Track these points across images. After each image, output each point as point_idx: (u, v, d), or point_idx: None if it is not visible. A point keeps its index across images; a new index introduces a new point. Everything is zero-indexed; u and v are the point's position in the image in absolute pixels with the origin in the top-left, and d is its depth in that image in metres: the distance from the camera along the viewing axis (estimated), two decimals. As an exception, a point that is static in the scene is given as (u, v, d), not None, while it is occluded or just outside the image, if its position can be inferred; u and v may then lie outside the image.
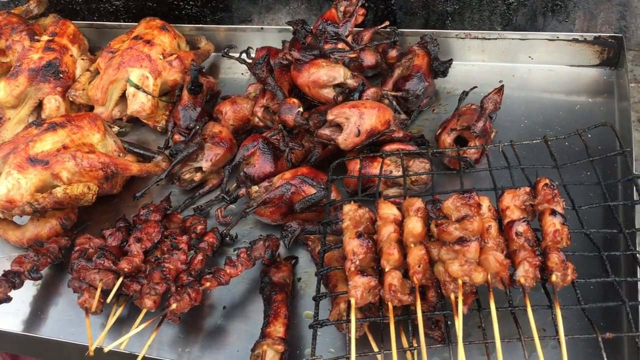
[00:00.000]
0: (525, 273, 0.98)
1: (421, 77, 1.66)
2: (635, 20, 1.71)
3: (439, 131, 1.53)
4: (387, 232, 1.06)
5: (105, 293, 1.25)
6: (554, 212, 1.05)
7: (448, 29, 1.86)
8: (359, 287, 1.00)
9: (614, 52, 1.67)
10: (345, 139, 1.42)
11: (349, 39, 1.72)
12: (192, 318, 1.30)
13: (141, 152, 1.64)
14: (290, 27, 1.67)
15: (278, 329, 1.16)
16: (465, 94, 1.60)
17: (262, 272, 1.32)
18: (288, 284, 1.28)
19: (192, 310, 1.24)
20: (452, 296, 0.98)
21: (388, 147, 1.45)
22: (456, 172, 1.39)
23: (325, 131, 1.46)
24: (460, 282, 0.96)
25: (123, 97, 1.76)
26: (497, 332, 0.93)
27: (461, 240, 0.98)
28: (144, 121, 1.78)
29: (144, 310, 1.20)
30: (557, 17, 1.76)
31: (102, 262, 1.27)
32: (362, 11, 1.75)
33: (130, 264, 1.26)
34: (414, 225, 1.04)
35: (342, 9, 1.75)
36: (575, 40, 1.69)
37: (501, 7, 1.79)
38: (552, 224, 1.03)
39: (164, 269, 1.25)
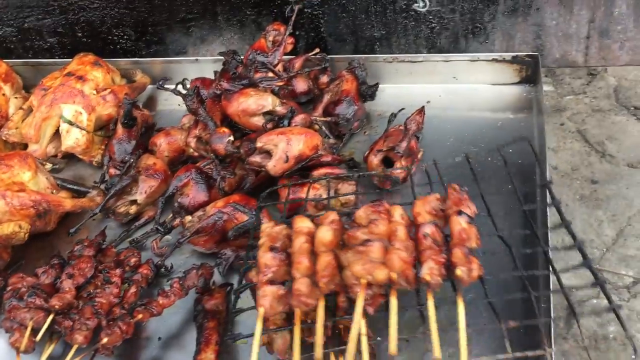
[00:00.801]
0: (430, 270, 1.02)
1: (350, 101, 1.71)
2: (550, 39, 1.81)
3: (367, 153, 1.58)
4: (299, 243, 1.09)
5: (38, 331, 1.25)
6: (460, 212, 1.10)
7: (377, 54, 1.93)
8: (267, 296, 1.03)
9: (531, 69, 1.76)
10: (274, 165, 1.46)
11: (280, 67, 1.77)
12: (128, 351, 1.31)
13: (75, 187, 1.64)
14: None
15: (209, 356, 1.18)
16: (393, 115, 1.66)
17: (195, 300, 1.34)
18: (221, 311, 1.30)
19: (128, 342, 1.25)
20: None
21: (317, 172, 1.49)
22: (380, 191, 1.44)
23: (256, 158, 1.49)
24: (363, 281, 1.00)
25: (57, 134, 1.77)
26: (393, 330, 0.96)
27: (366, 242, 1.03)
28: (80, 156, 1.78)
29: (75, 346, 1.20)
30: (477, 39, 1.85)
31: (34, 300, 1.27)
32: (290, 40, 1.81)
33: (62, 300, 1.26)
34: (324, 234, 1.08)
35: (271, 38, 1.80)
36: (495, 60, 1.77)
37: (425, 31, 1.87)
38: (458, 223, 1.08)
39: (96, 303, 1.26)
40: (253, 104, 1.56)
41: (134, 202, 1.59)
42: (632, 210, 1.63)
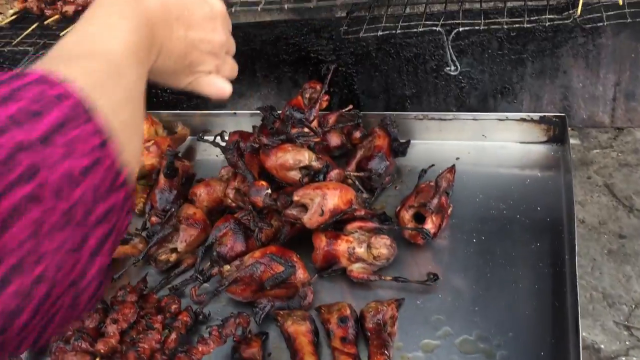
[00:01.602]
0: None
1: (382, 156, 1.78)
2: (577, 100, 1.87)
3: (399, 208, 1.64)
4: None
5: (82, 374, 1.31)
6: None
7: (408, 111, 2.00)
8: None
9: (558, 129, 1.81)
10: (310, 219, 1.52)
11: (315, 123, 1.85)
12: (166, 396, 1.36)
13: (119, 235, 1.71)
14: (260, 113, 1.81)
15: (247, 404, 1.22)
16: (424, 171, 1.72)
17: (232, 348, 1.39)
18: (258, 360, 1.35)
19: (166, 388, 1.30)
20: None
21: (351, 225, 1.55)
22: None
23: (292, 211, 1.56)
24: None
25: (102, 182, 1.85)
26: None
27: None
28: (123, 204, 1.86)
29: (119, 390, 1.26)
30: (506, 99, 1.92)
31: (79, 343, 1.33)
32: (326, 97, 1.89)
33: (107, 345, 1.32)
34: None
35: (307, 95, 1.89)
36: (523, 120, 1.83)
37: (455, 90, 1.94)
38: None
39: (139, 348, 1.32)
40: (290, 159, 1.64)
41: (174, 250, 1.66)
42: None
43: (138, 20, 0.78)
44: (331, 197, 1.53)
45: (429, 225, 1.56)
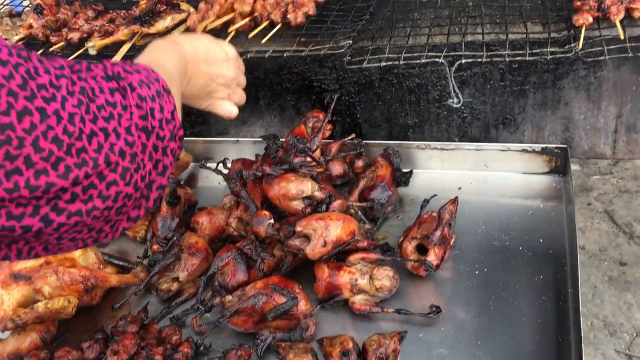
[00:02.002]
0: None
1: (385, 186, 1.79)
2: (579, 132, 1.88)
3: (402, 239, 1.64)
4: None
5: (81, 407, 1.30)
6: None
7: (410, 140, 2.01)
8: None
9: (560, 161, 1.81)
10: (312, 250, 1.52)
11: (317, 152, 1.85)
12: None
13: (120, 263, 1.72)
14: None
15: None
16: (426, 201, 1.72)
17: (234, 381, 1.38)
18: (259, 393, 1.34)
19: (167, 421, 1.28)
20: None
21: (353, 257, 1.55)
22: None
23: (295, 242, 1.55)
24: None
25: (105, 209, 1.85)
26: None
27: None
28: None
29: None
30: (508, 129, 1.92)
31: (80, 375, 1.32)
32: (329, 126, 1.90)
33: (107, 377, 1.31)
34: None
35: (310, 124, 1.90)
36: (525, 151, 1.84)
37: (457, 120, 1.95)
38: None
39: (140, 381, 1.31)
40: (293, 188, 1.64)
41: (175, 279, 1.65)
42: None
43: (179, 57, 1.20)
44: (334, 228, 1.53)
45: (432, 257, 1.56)
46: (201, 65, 1.28)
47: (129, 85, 0.89)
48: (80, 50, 2.03)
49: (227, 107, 1.40)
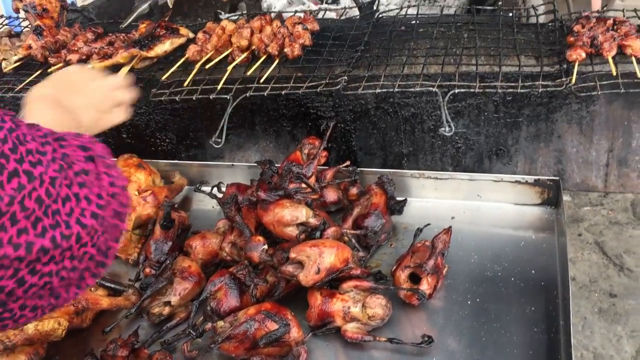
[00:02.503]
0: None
1: (379, 214, 1.79)
2: (571, 164, 1.90)
3: (395, 267, 1.64)
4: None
5: None
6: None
7: (404, 169, 2.03)
8: None
9: (552, 193, 1.83)
10: (306, 276, 1.52)
11: (312, 179, 1.86)
12: None
13: (112, 286, 1.70)
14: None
15: None
16: (419, 230, 1.73)
17: (224, 408, 1.37)
18: (249, 421, 1.33)
19: None
20: None
21: (346, 284, 1.55)
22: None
23: (288, 268, 1.55)
24: None
25: (98, 231, 1.85)
26: None
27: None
28: (117, 254, 1.86)
29: None
30: (501, 160, 1.94)
31: (68, 400, 1.31)
32: (324, 153, 1.91)
33: (96, 402, 1.30)
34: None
35: (306, 151, 1.91)
36: (518, 182, 1.85)
37: (451, 150, 1.97)
38: None
39: (129, 407, 1.29)
40: (288, 215, 1.65)
41: (167, 303, 1.64)
42: None
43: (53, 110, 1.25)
44: (327, 256, 1.53)
45: (425, 287, 1.56)
46: (74, 97, 1.34)
47: (96, 155, 0.96)
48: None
49: (117, 113, 1.48)
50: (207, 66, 1.97)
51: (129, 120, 1.50)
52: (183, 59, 2.01)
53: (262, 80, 1.86)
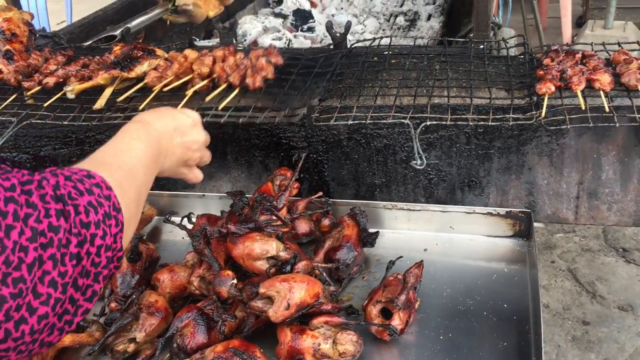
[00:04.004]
0: None
1: (351, 247, 1.77)
2: (542, 197, 1.91)
3: (366, 302, 1.61)
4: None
5: None
6: None
7: (377, 199, 2.02)
8: None
9: (524, 225, 1.83)
10: (275, 312, 1.49)
11: (284, 210, 1.84)
12: None
13: (75, 322, 1.65)
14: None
15: None
16: (392, 263, 1.71)
17: None
18: None
19: None
20: None
21: (316, 320, 1.51)
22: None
23: (258, 303, 1.52)
24: None
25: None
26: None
27: None
28: (82, 287, 1.80)
29: None
30: (473, 191, 1.94)
31: None
32: (296, 185, 1.90)
33: None
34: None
35: (277, 182, 1.89)
36: (490, 214, 1.85)
37: (423, 181, 1.97)
38: None
39: None
40: (258, 248, 1.62)
41: (132, 340, 1.59)
42: (623, 355, 1.64)
43: (148, 140, 1.27)
44: (298, 291, 1.50)
45: (396, 322, 1.54)
46: (174, 137, 1.39)
47: (74, 209, 0.89)
48: (58, 95, 2.01)
49: (196, 172, 1.56)
50: (165, 89, 1.95)
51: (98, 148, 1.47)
52: (142, 84, 1.99)
53: (220, 108, 1.85)
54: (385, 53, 2.14)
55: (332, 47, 2.23)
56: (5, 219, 0.78)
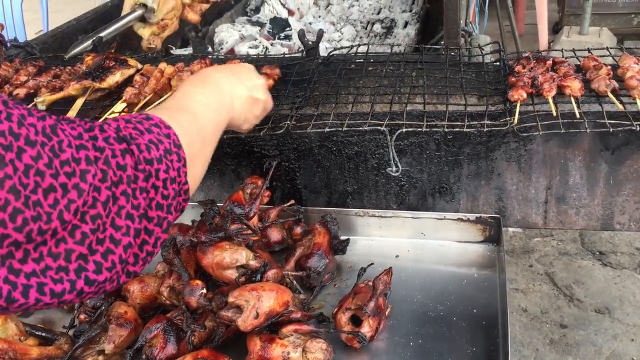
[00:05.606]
0: None
1: (322, 254, 1.77)
2: (512, 202, 1.92)
3: (336, 310, 1.61)
4: None
5: None
6: None
7: (349, 206, 2.02)
8: None
9: (494, 230, 1.85)
10: (244, 321, 1.48)
11: (256, 218, 1.84)
12: None
13: (43, 334, 1.63)
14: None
15: None
16: (363, 270, 1.72)
17: None
18: None
19: None
20: None
21: (286, 328, 1.51)
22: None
23: (227, 313, 1.52)
24: None
25: (31, 276, 1.78)
26: None
27: None
28: (51, 299, 1.78)
29: None
30: (444, 197, 1.96)
31: None
32: (267, 193, 1.89)
33: None
34: None
35: (248, 191, 1.89)
36: (460, 220, 1.87)
37: (395, 188, 1.98)
38: None
39: None
40: (227, 257, 1.62)
41: (101, 352, 1.58)
42: (601, 357, 1.65)
43: (203, 83, 1.40)
44: (267, 299, 1.50)
45: (366, 329, 1.54)
46: (233, 80, 1.49)
47: (137, 147, 0.97)
48: (29, 106, 1.99)
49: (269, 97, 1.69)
50: (146, 110, 1.94)
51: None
52: (120, 101, 1.97)
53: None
54: (361, 61, 2.15)
55: (303, 54, 2.23)
56: (79, 165, 0.85)
